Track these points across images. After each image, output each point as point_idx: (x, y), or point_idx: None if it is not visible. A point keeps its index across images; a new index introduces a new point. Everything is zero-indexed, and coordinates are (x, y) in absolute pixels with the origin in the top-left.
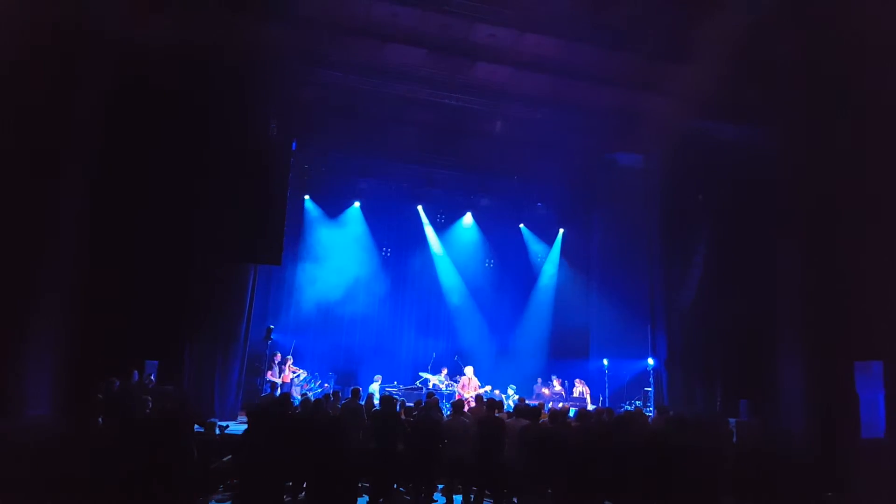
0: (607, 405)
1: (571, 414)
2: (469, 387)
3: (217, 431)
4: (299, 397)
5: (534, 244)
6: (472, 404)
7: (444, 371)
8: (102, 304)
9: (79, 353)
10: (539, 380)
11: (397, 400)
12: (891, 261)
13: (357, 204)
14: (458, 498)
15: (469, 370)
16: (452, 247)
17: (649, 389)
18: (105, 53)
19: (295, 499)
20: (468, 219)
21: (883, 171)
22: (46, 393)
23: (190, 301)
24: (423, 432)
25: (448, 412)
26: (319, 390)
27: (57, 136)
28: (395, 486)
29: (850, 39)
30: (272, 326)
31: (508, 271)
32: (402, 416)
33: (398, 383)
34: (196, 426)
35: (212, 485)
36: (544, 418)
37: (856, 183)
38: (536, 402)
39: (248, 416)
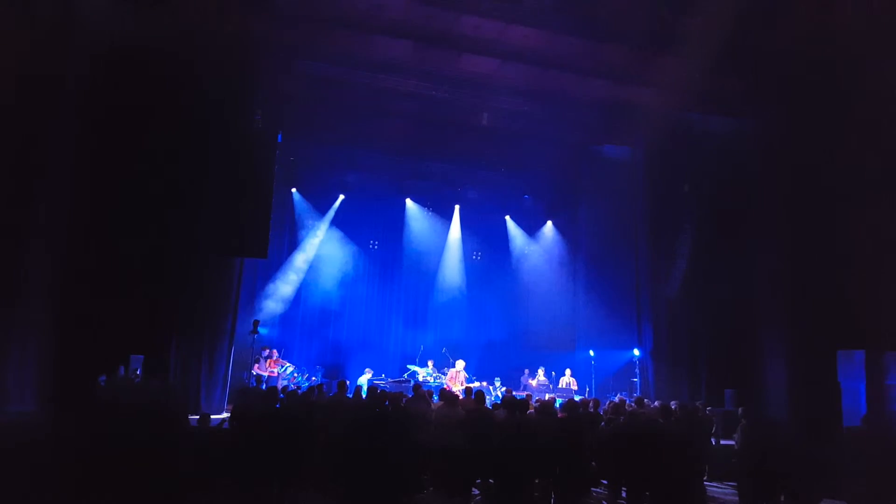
0: (594, 396)
1: (557, 405)
2: (457, 379)
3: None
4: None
5: (520, 236)
6: (461, 396)
7: (430, 363)
8: (86, 297)
9: (63, 348)
10: (526, 371)
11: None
12: (873, 251)
13: (343, 197)
14: None
15: (460, 363)
16: (440, 239)
17: (636, 380)
18: (87, 44)
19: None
20: (455, 211)
21: (865, 162)
22: (31, 388)
23: (176, 294)
24: (410, 423)
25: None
26: (306, 383)
27: (39, 129)
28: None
29: (834, 31)
30: (258, 320)
31: (495, 263)
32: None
33: (386, 376)
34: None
35: (202, 480)
36: (531, 409)
37: (838, 174)
38: (524, 394)
39: (233, 411)
